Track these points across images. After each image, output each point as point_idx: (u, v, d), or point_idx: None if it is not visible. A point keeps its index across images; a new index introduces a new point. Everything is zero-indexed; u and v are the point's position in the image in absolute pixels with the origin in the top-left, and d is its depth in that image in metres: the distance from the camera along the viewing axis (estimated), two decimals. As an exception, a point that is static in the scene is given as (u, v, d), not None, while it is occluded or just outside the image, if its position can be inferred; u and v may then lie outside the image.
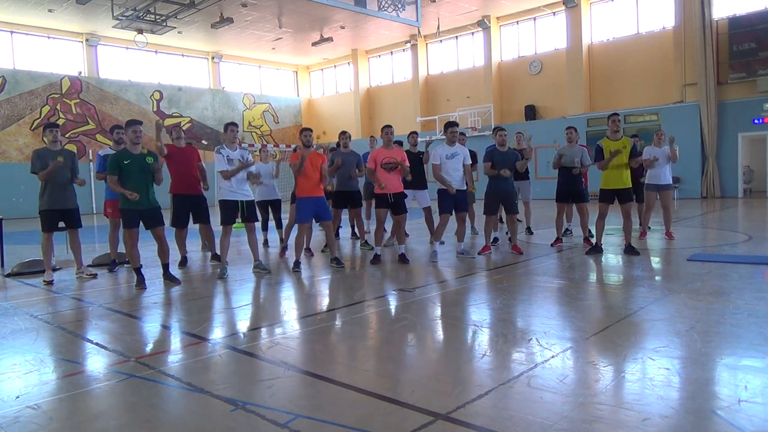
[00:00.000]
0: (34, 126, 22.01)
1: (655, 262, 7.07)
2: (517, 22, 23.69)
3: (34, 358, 3.80)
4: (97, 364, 3.68)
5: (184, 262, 7.74)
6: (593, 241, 7.72)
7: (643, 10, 20.54)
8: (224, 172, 6.71)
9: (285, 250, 8.50)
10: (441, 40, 25.82)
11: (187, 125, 26.06)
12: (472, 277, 6.25)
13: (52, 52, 23.22)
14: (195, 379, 3.29)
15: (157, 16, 19.11)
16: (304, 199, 7.04)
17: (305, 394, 3.03)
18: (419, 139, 9.38)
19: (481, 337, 4.01)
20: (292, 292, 6.03)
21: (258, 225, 7.55)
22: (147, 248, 7.87)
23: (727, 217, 12.48)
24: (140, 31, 20.06)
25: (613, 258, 7.22)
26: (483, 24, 23.53)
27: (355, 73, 28.98)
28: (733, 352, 3.47)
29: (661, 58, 19.86)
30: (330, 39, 24.45)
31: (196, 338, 4.17)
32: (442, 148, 7.48)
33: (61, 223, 6.80)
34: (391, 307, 5.18)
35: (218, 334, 4.33)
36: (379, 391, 3.00)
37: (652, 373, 3.14)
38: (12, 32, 22.09)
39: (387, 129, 7.51)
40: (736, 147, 18.24)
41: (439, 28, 22.96)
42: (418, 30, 22.58)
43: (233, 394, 3.02)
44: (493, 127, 10.83)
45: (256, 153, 9.57)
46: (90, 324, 4.73)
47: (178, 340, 4.27)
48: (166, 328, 4.67)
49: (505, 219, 8.19)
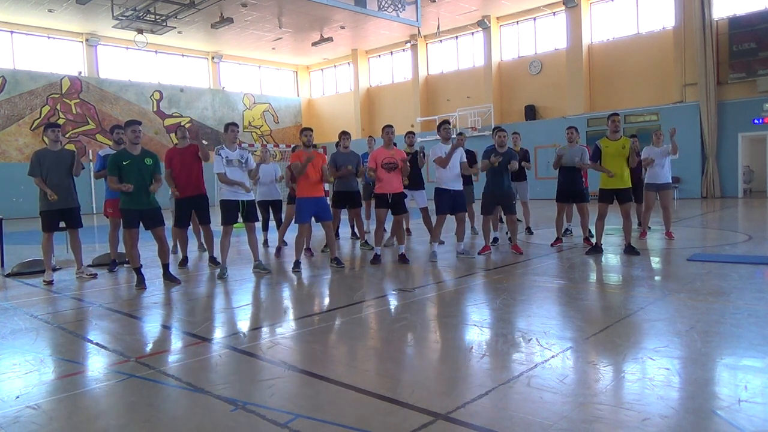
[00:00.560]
0: (34, 126, 22.02)
1: (655, 262, 7.07)
2: (517, 22, 23.69)
3: (34, 358, 3.80)
4: (97, 364, 3.68)
5: (184, 262, 7.75)
6: (593, 241, 7.73)
7: (643, 10, 20.54)
8: (221, 177, 6.71)
9: (279, 250, 8.50)
10: (441, 40, 25.82)
11: (187, 125, 26.05)
12: (471, 277, 6.25)
13: (52, 52, 23.22)
14: (195, 379, 3.29)
15: (157, 16, 19.12)
16: (305, 200, 7.04)
17: (305, 394, 3.03)
18: (418, 139, 9.38)
19: (481, 337, 4.01)
20: (292, 292, 6.03)
21: (258, 225, 7.55)
22: (147, 248, 7.88)
23: (727, 217, 12.48)
24: (140, 31, 20.07)
25: (613, 258, 7.22)
26: (483, 24, 23.53)
27: (355, 73, 28.98)
28: (733, 352, 3.47)
29: (661, 58, 19.86)
30: (330, 39, 24.46)
31: (197, 338, 4.17)
32: (439, 147, 7.50)
33: (62, 224, 6.80)
34: (391, 307, 5.18)
35: (218, 334, 4.33)
36: (379, 391, 3.00)
37: (652, 373, 3.14)
38: (12, 32, 22.09)
39: (388, 129, 7.51)
40: (736, 147, 18.25)
41: (439, 28, 22.96)
42: (418, 30, 22.58)
43: (233, 394, 3.02)
44: (492, 128, 10.82)
45: (257, 153, 9.56)
46: (90, 324, 4.73)
47: (178, 340, 4.27)
48: (166, 328, 4.67)
49: (504, 219, 8.20)
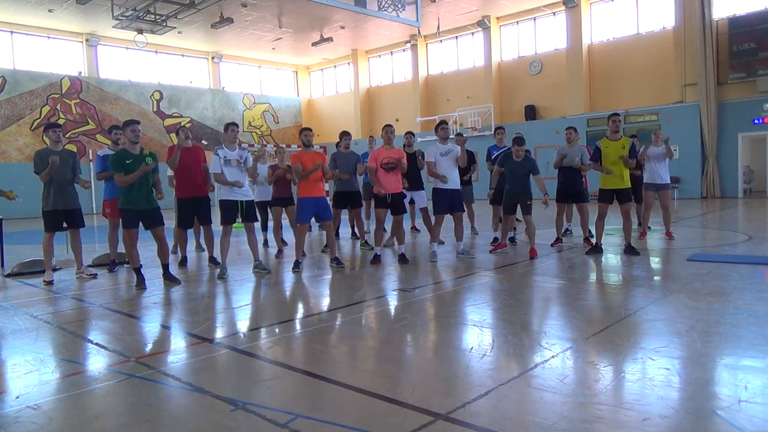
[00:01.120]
0: (34, 126, 22.02)
1: (655, 262, 7.07)
2: (517, 22, 23.69)
3: (34, 358, 3.79)
4: (97, 364, 3.68)
5: (184, 262, 7.75)
6: (593, 241, 7.72)
7: (643, 10, 20.55)
8: (217, 177, 6.71)
9: (280, 251, 8.51)
10: (441, 40, 25.82)
11: (188, 125, 26.06)
12: (471, 277, 6.25)
13: (52, 52, 23.23)
14: (195, 379, 3.29)
15: (157, 16, 19.12)
16: (305, 200, 7.04)
17: (305, 394, 3.03)
18: (418, 140, 9.38)
19: (481, 337, 4.00)
20: (292, 293, 6.03)
21: (258, 225, 7.54)
22: (147, 248, 7.88)
23: (727, 217, 12.48)
24: (140, 31, 20.07)
25: (613, 258, 7.22)
26: (483, 24, 23.53)
27: (355, 73, 28.98)
28: (733, 352, 3.47)
29: (661, 58, 19.86)
30: (330, 39, 24.45)
31: (196, 338, 4.17)
32: (436, 147, 7.50)
33: (64, 224, 6.82)
34: (391, 307, 5.18)
35: (218, 334, 4.33)
36: (379, 391, 3.00)
37: (652, 373, 3.14)
38: (12, 32, 22.10)
39: (387, 128, 7.46)
40: (736, 147, 18.25)
41: (439, 28, 22.96)
42: (418, 30, 22.58)
43: (233, 394, 3.02)
44: (494, 128, 10.87)
45: (255, 153, 9.56)
46: (90, 324, 4.73)
47: (178, 340, 4.27)
48: (166, 328, 4.67)
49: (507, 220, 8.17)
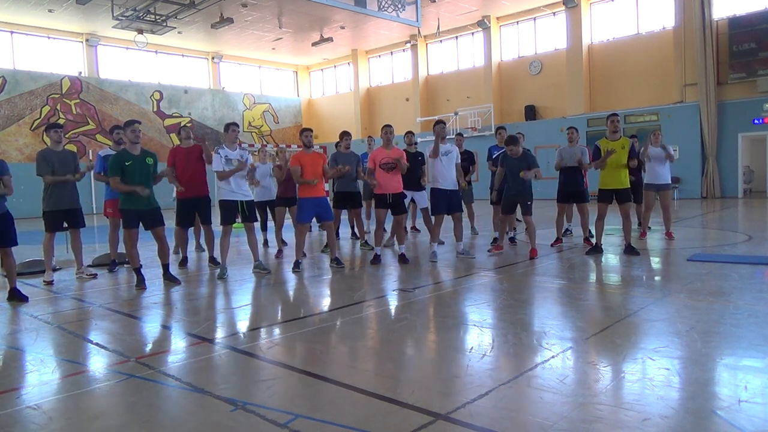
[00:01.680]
0: (34, 126, 22.02)
1: (655, 262, 7.07)
2: (517, 22, 23.69)
3: (34, 358, 3.80)
4: (97, 364, 3.68)
5: (184, 262, 7.75)
6: (593, 241, 7.72)
7: (643, 10, 20.54)
8: (220, 173, 6.70)
9: (280, 251, 8.51)
10: (441, 41, 25.82)
11: (189, 125, 26.07)
12: (471, 277, 6.25)
13: (52, 52, 23.22)
14: (195, 379, 3.29)
15: (157, 16, 19.11)
16: (306, 200, 7.04)
17: (305, 394, 3.03)
18: (418, 140, 9.37)
19: (481, 337, 4.00)
20: (292, 292, 6.03)
21: (258, 225, 7.53)
22: (147, 248, 7.88)
23: (727, 217, 12.48)
24: (140, 31, 20.07)
25: (613, 258, 7.22)
26: (483, 24, 23.53)
27: (355, 73, 28.98)
28: (733, 352, 3.47)
29: (661, 58, 19.86)
30: (330, 39, 24.45)
31: (196, 338, 4.17)
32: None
33: (64, 224, 6.82)
34: (391, 307, 5.19)
35: (218, 334, 4.33)
36: (379, 391, 3.00)
37: (652, 373, 3.14)
38: (12, 32, 22.09)
39: (387, 128, 7.45)
40: (736, 147, 18.24)
41: (439, 28, 22.95)
42: (418, 30, 22.58)
43: (233, 394, 3.02)
44: (496, 128, 10.88)
45: (255, 153, 9.56)
46: (90, 324, 4.73)
47: (178, 340, 4.27)
48: (166, 328, 4.67)
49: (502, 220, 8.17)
